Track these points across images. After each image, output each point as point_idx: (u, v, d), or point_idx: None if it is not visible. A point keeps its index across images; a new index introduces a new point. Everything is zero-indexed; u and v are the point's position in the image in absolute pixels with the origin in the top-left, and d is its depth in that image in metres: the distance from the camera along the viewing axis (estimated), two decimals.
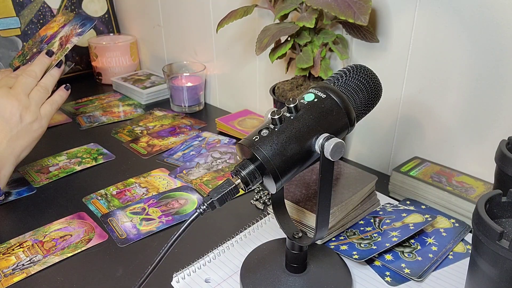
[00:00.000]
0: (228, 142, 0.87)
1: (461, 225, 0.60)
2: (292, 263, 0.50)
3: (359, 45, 0.73)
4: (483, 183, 0.64)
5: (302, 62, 0.68)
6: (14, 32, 1.10)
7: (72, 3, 1.19)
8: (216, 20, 0.93)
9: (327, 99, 0.44)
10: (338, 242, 0.57)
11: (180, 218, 0.65)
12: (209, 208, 0.42)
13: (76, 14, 0.79)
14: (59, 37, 0.75)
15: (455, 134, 0.66)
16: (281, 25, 0.67)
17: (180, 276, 0.53)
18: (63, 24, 0.78)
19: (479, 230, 0.40)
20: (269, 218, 0.64)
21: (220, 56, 1.01)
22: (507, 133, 0.57)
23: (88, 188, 0.72)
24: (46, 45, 0.77)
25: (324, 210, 0.45)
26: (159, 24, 1.15)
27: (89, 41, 1.20)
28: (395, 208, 0.63)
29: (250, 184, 0.42)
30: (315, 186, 0.60)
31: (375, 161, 0.78)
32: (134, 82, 1.14)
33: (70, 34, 0.74)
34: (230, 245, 0.59)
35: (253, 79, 0.95)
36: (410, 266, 0.53)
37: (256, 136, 0.42)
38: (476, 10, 0.58)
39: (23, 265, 0.56)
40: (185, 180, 0.74)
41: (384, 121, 0.74)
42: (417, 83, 0.68)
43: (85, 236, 0.61)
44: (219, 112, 1.04)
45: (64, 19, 0.79)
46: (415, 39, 0.66)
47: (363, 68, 0.47)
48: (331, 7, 0.59)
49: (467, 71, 0.62)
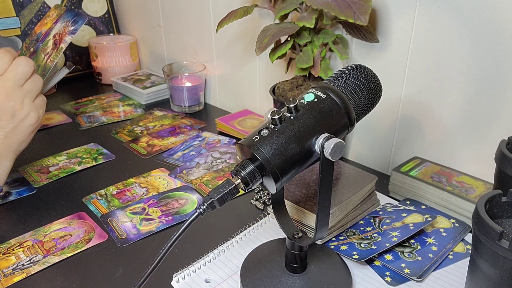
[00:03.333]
0: (228, 142, 0.87)
1: (461, 225, 0.60)
2: (292, 263, 0.50)
3: (359, 45, 0.73)
4: (483, 183, 0.64)
5: (302, 62, 0.68)
6: (14, 32, 1.10)
7: (72, 3, 1.19)
8: (216, 20, 0.93)
9: (327, 99, 0.44)
10: (338, 242, 0.57)
11: (180, 218, 0.65)
12: (209, 208, 0.42)
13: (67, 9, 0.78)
14: (53, 35, 0.75)
15: (455, 134, 0.66)
16: (281, 25, 0.67)
17: (180, 276, 0.53)
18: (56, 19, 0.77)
19: (479, 230, 0.40)
20: (269, 218, 0.64)
21: (220, 56, 1.01)
22: (507, 133, 0.57)
23: (88, 188, 0.72)
24: (41, 43, 0.76)
25: (324, 210, 0.45)
26: (159, 24, 1.15)
27: (89, 41, 1.20)
28: (395, 208, 0.63)
29: (250, 184, 0.42)
30: (315, 186, 0.60)
31: (375, 161, 0.78)
32: (134, 82, 1.14)
33: (63, 32, 0.73)
34: (230, 245, 0.59)
35: (253, 79, 0.95)
36: (410, 266, 0.53)
37: (256, 136, 0.42)
38: (476, 10, 0.58)
39: (23, 265, 0.56)
40: (185, 180, 0.74)
41: (384, 121, 0.74)
42: (417, 83, 0.68)
43: (85, 236, 0.61)
44: (219, 112, 1.04)
45: (57, 13, 0.78)
46: (415, 39, 0.66)
47: (363, 68, 0.47)
48: (331, 7, 0.59)
49: (467, 71, 0.62)
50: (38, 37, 0.79)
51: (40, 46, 0.76)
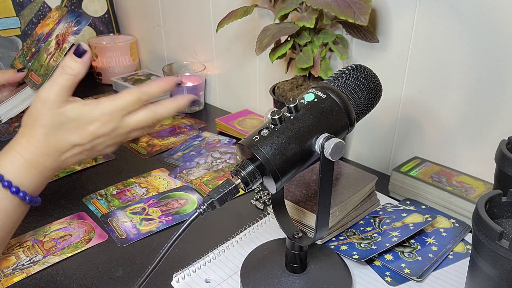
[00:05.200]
0: (228, 142, 0.87)
1: (461, 225, 0.60)
2: (292, 263, 0.50)
3: (359, 45, 0.73)
4: (483, 183, 0.64)
5: (302, 62, 0.68)
6: (14, 32, 1.10)
7: (72, 3, 1.19)
8: (216, 20, 0.93)
9: (327, 99, 0.44)
10: (338, 242, 0.57)
11: (180, 218, 0.65)
12: (209, 208, 0.42)
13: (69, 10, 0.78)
14: (55, 35, 0.75)
15: (455, 134, 0.66)
16: (281, 25, 0.67)
17: (180, 276, 0.53)
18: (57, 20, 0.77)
19: (479, 230, 0.40)
20: (269, 218, 0.64)
21: (220, 56, 1.01)
22: (507, 133, 0.57)
23: (88, 188, 0.72)
24: (43, 43, 0.76)
25: (324, 210, 0.45)
26: (159, 24, 1.15)
27: (89, 41, 1.20)
28: (395, 208, 0.63)
29: (250, 184, 0.42)
30: (315, 186, 0.60)
31: (375, 161, 0.78)
32: (134, 82, 1.14)
33: (66, 33, 0.74)
34: (230, 245, 0.59)
35: (253, 79, 0.95)
36: (410, 266, 0.53)
37: (256, 136, 0.42)
38: (476, 10, 0.58)
39: (23, 265, 0.56)
40: (185, 180, 0.74)
41: (384, 121, 0.74)
42: (417, 83, 0.68)
43: (85, 236, 0.61)
44: (219, 112, 1.04)
45: (59, 14, 0.78)
46: (415, 39, 0.66)
47: (363, 68, 0.47)
48: (331, 7, 0.59)
49: (467, 71, 0.62)
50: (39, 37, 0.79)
51: (42, 46, 0.76)
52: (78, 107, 0.55)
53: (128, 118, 0.57)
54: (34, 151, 0.53)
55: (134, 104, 0.57)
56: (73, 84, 0.56)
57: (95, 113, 0.55)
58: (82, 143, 0.55)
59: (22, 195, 0.53)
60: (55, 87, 0.54)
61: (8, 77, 0.76)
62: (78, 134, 0.54)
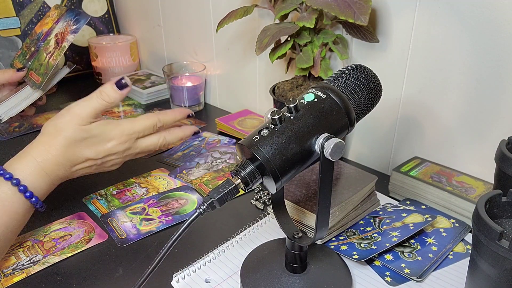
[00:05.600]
0: (228, 142, 0.87)
1: (461, 225, 0.60)
2: (292, 263, 0.50)
3: (359, 45, 0.73)
4: (483, 183, 0.64)
5: (302, 62, 0.68)
6: (14, 32, 1.10)
7: (72, 3, 1.19)
8: (216, 20, 0.93)
9: (327, 99, 0.44)
10: (338, 242, 0.57)
11: (180, 218, 0.65)
12: (209, 208, 0.42)
13: (68, 8, 0.78)
14: (54, 34, 0.75)
15: (455, 134, 0.66)
16: (281, 25, 0.67)
17: (180, 276, 0.53)
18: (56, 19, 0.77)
19: (479, 230, 0.40)
20: (269, 218, 0.64)
21: (220, 56, 1.01)
22: (507, 133, 0.57)
23: (88, 188, 0.72)
24: (42, 43, 0.76)
25: (324, 210, 0.45)
26: (159, 24, 1.15)
27: (89, 41, 1.20)
28: (395, 208, 0.63)
29: (250, 184, 0.42)
30: (315, 186, 0.60)
31: (375, 161, 0.78)
32: (134, 82, 1.14)
33: (65, 32, 0.73)
34: (230, 245, 0.59)
35: (253, 79, 0.95)
36: (410, 266, 0.53)
37: (256, 136, 0.42)
38: (476, 10, 0.58)
39: (23, 265, 0.56)
40: (185, 180, 0.74)
41: (384, 121, 0.74)
42: (417, 83, 0.68)
43: (85, 236, 0.61)
44: (219, 112, 1.04)
45: (58, 13, 0.78)
46: (415, 39, 0.66)
47: (363, 68, 0.47)
48: (331, 7, 0.59)
49: (467, 71, 0.62)
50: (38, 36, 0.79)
51: (41, 45, 0.76)
52: (101, 124, 0.59)
53: (141, 140, 0.62)
54: (50, 159, 0.56)
55: (149, 129, 0.62)
56: (105, 110, 0.60)
57: (115, 132, 0.59)
58: (95, 157, 0.59)
59: (34, 200, 0.54)
60: (89, 108, 0.58)
61: (8, 77, 0.76)
62: (95, 150, 0.58)
